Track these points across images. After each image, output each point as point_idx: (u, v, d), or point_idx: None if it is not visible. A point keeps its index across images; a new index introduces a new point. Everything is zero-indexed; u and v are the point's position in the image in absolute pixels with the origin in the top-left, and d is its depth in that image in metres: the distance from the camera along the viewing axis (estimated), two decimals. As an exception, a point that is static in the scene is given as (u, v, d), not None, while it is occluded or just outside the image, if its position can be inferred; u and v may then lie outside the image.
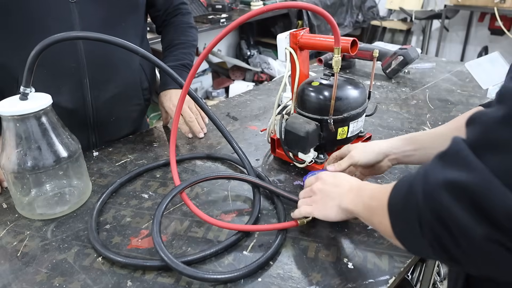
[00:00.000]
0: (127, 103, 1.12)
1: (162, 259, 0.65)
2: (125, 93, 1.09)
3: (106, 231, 0.78)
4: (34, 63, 0.74)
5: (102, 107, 1.05)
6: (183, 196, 0.78)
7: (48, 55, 0.83)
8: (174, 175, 0.81)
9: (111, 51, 0.99)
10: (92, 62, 0.99)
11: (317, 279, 0.65)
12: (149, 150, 1.08)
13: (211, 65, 3.77)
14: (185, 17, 1.26)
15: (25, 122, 0.76)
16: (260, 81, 3.72)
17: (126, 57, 1.04)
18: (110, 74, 1.04)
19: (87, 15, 0.96)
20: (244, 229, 0.74)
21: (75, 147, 0.83)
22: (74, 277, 0.67)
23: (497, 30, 3.83)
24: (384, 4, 4.43)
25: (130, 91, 1.11)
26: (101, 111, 1.06)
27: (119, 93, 1.07)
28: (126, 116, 1.15)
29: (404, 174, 0.91)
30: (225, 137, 0.93)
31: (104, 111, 1.07)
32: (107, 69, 1.03)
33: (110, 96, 1.06)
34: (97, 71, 1.01)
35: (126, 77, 1.08)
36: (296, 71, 0.90)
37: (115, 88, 1.06)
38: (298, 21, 3.58)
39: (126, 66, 1.07)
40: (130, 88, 1.10)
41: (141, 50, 0.82)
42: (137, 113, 1.18)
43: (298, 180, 0.92)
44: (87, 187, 0.89)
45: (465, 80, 1.48)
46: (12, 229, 0.79)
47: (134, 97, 1.13)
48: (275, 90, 1.48)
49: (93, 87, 1.02)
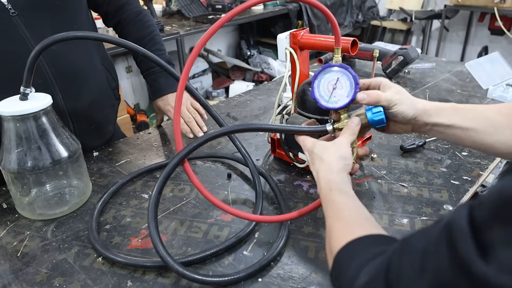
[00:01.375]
0: (103, 107, 1.10)
1: (166, 263, 0.64)
2: (99, 97, 1.07)
3: (106, 231, 0.78)
4: (34, 63, 0.74)
5: (80, 117, 1.02)
6: (185, 166, 0.70)
7: (12, 76, 0.82)
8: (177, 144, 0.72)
9: (73, 58, 0.97)
10: (59, 75, 0.95)
11: (317, 279, 0.65)
12: (149, 150, 1.08)
13: (211, 65, 3.77)
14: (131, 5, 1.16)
15: (25, 122, 0.76)
16: (260, 81, 3.72)
17: (88, 61, 1.02)
18: (80, 82, 1.00)
19: (35, 25, 0.89)
20: (257, 219, 0.75)
21: (75, 147, 0.83)
22: (74, 277, 0.67)
23: (497, 30, 3.83)
24: (384, 4, 4.43)
25: (103, 94, 1.09)
26: (81, 122, 1.03)
27: (94, 99, 1.04)
28: (105, 120, 1.12)
29: (404, 174, 0.92)
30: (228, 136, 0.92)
31: (84, 121, 1.03)
32: (76, 78, 0.99)
33: (86, 104, 1.02)
34: (67, 81, 0.97)
35: (95, 81, 1.05)
36: (296, 71, 0.90)
37: (88, 95, 1.02)
38: (298, 21, 3.58)
39: (92, 69, 1.04)
40: (102, 91, 1.08)
41: (142, 49, 0.82)
42: (114, 115, 1.18)
43: (298, 180, 0.92)
44: (87, 187, 0.89)
45: (465, 80, 1.48)
46: (12, 229, 0.79)
47: (107, 99, 1.12)
48: (275, 90, 1.48)
49: (67, 99, 0.98)
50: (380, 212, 0.80)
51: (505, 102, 1.28)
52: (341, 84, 0.66)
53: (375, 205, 0.82)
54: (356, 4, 4.06)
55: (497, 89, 1.32)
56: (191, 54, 0.65)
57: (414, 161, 0.97)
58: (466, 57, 4.32)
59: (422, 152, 1.01)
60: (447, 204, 0.82)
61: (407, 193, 0.86)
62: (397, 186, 0.88)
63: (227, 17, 0.62)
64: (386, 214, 0.80)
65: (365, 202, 0.83)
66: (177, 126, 0.67)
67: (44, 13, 0.91)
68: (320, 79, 0.66)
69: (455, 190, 0.86)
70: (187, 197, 0.87)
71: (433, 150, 1.02)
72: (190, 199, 0.86)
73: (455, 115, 0.64)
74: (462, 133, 0.63)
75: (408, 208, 0.81)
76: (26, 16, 0.88)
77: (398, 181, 0.90)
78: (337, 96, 0.65)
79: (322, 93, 0.66)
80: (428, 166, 0.95)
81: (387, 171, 0.94)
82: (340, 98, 0.65)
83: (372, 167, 0.95)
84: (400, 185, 0.88)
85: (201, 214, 0.82)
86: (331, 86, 0.66)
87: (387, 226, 0.76)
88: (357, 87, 0.64)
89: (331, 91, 0.66)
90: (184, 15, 3.02)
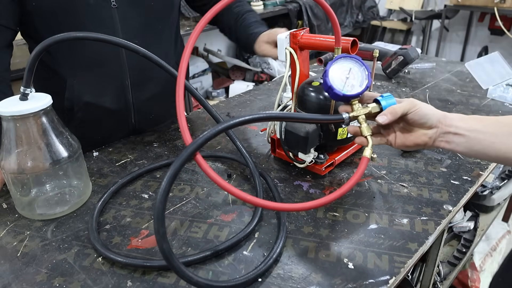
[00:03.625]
0: (166, 101, 1.17)
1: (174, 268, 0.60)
2: (164, 92, 1.15)
3: (106, 231, 0.78)
4: (35, 64, 0.74)
5: (142, 106, 1.13)
6: (197, 158, 0.61)
7: (94, 61, 0.94)
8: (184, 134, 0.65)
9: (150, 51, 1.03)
10: (132, 65, 1.06)
11: (317, 279, 0.65)
12: (149, 150, 1.08)
13: (211, 65, 3.77)
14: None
15: (25, 122, 0.76)
16: (260, 81, 3.72)
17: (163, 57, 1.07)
18: (150, 75, 1.10)
19: (128, 19, 1.01)
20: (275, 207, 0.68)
21: (75, 147, 0.83)
22: (74, 277, 0.67)
23: (497, 30, 3.83)
24: (384, 4, 4.43)
25: (168, 89, 1.15)
26: (141, 111, 1.13)
27: (158, 92, 1.14)
28: (165, 113, 1.22)
29: (404, 174, 0.92)
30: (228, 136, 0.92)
31: (144, 110, 1.14)
32: (147, 71, 1.08)
33: (150, 95, 1.13)
34: (138, 73, 1.07)
35: (164, 76, 1.10)
36: (296, 71, 0.90)
37: (154, 88, 1.13)
38: (298, 21, 3.58)
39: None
40: (168, 86, 1.15)
41: (142, 49, 0.84)
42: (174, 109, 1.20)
43: (298, 180, 0.92)
44: (87, 187, 0.89)
45: (465, 80, 1.48)
46: (12, 229, 0.79)
47: (171, 95, 1.15)
48: (275, 90, 1.48)
49: (134, 88, 1.09)
50: (380, 212, 0.80)
51: (505, 102, 1.28)
52: (353, 74, 0.68)
53: (375, 205, 0.82)
54: (356, 4, 4.06)
55: (497, 89, 1.32)
56: (190, 38, 0.64)
57: (414, 161, 0.97)
58: (466, 57, 4.32)
59: (422, 152, 1.01)
60: (447, 204, 0.82)
61: (407, 193, 0.86)
62: (397, 186, 0.88)
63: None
64: (386, 214, 0.80)
65: (365, 202, 0.83)
66: (181, 119, 0.63)
67: (138, 10, 1.02)
68: (334, 68, 0.68)
69: (455, 190, 0.86)
70: (187, 197, 0.87)
71: (433, 150, 1.02)
72: (190, 199, 0.86)
73: (475, 121, 0.65)
74: (485, 139, 0.63)
75: (408, 208, 0.81)
76: (123, 10, 0.99)
77: (398, 181, 0.90)
78: (350, 85, 0.68)
79: (336, 82, 0.68)
80: (428, 166, 0.95)
81: (387, 171, 0.94)
82: (354, 87, 0.68)
83: (372, 167, 0.95)
84: (400, 185, 0.88)
85: (201, 214, 0.82)
86: (344, 75, 0.68)
87: (387, 226, 0.76)
88: (369, 76, 0.67)
89: (345, 81, 0.68)
90: (184, 15, 3.02)
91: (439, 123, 0.65)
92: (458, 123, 0.64)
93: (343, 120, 0.68)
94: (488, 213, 1.68)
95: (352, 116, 0.68)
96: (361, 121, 0.69)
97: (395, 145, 0.69)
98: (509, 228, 1.93)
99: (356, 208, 0.81)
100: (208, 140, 0.58)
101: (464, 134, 0.64)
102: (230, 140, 0.93)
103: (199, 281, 0.59)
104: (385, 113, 0.66)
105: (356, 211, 0.81)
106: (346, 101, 0.69)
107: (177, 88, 0.65)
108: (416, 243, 0.72)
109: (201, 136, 0.58)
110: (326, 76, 0.67)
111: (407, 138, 0.68)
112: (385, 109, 0.67)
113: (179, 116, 0.63)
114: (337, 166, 0.96)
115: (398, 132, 0.69)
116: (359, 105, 0.69)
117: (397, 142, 0.69)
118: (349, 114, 0.68)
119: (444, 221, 0.78)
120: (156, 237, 0.55)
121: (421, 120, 0.65)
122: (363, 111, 0.68)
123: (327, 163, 0.91)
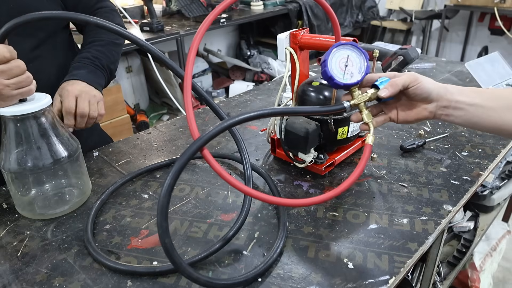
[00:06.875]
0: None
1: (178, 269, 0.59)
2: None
3: (106, 231, 0.78)
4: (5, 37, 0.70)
5: None
6: (204, 153, 0.60)
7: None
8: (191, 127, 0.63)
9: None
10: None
11: (317, 279, 0.65)
12: (149, 150, 1.08)
13: (211, 65, 3.77)
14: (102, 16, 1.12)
15: (25, 122, 0.76)
16: (260, 81, 3.72)
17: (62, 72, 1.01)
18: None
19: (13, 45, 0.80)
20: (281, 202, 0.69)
21: (75, 147, 0.83)
22: (74, 277, 0.67)
23: (497, 30, 3.83)
24: (384, 4, 4.43)
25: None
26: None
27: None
28: None
29: (404, 174, 0.92)
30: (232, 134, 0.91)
31: None
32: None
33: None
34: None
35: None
36: (296, 71, 0.90)
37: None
38: (298, 21, 3.58)
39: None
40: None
41: (143, 42, 0.79)
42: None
43: (298, 180, 0.92)
44: (87, 187, 0.89)
45: (465, 80, 1.48)
46: (12, 229, 0.79)
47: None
48: (275, 90, 1.48)
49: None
50: (380, 212, 0.80)
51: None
52: (351, 61, 0.68)
53: (375, 205, 0.82)
54: (356, 4, 4.06)
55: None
56: (193, 45, 0.64)
57: (414, 161, 0.97)
58: (466, 57, 4.32)
59: (422, 152, 1.01)
60: (447, 204, 0.82)
61: (407, 193, 0.86)
62: (397, 186, 0.88)
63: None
64: (386, 214, 0.80)
65: (365, 202, 0.83)
66: (190, 114, 0.62)
67: (25, 32, 0.92)
68: (332, 58, 0.68)
69: (455, 190, 0.86)
70: (187, 197, 0.87)
71: (433, 150, 1.02)
72: (190, 199, 0.86)
73: (475, 94, 0.66)
74: (484, 112, 0.65)
75: (408, 208, 0.81)
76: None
77: (398, 181, 0.90)
78: (349, 73, 0.68)
79: (335, 72, 0.68)
80: (428, 166, 0.95)
81: (387, 171, 0.94)
82: (353, 75, 0.68)
83: (372, 167, 0.95)
84: (400, 185, 0.88)
85: (201, 214, 0.82)
86: (343, 64, 0.68)
87: (386, 226, 0.76)
88: (367, 61, 0.67)
89: (344, 69, 0.68)
90: (184, 15, 3.02)
91: (439, 97, 0.67)
92: (458, 97, 0.66)
93: (345, 109, 0.69)
94: (488, 213, 1.68)
95: (353, 104, 0.69)
96: (362, 108, 0.70)
97: (398, 121, 0.72)
98: (509, 228, 1.93)
99: (356, 208, 0.81)
100: (215, 135, 0.59)
101: (464, 108, 0.66)
102: (232, 136, 0.92)
103: (199, 278, 0.59)
104: (386, 86, 0.67)
105: (356, 211, 0.81)
106: (347, 89, 0.70)
107: (184, 85, 0.65)
108: (416, 243, 0.72)
109: (209, 131, 0.59)
110: (326, 66, 0.68)
111: (408, 114, 0.70)
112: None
113: (187, 111, 0.62)
114: (337, 166, 0.96)
115: (400, 108, 0.71)
116: (359, 92, 0.69)
117: (399, 118, 0.71)
118: (350, 102, 0.69)
119: (444, 221, 0.78)
120: (158, 231, 0.55)
121: (423, 94, 0.67)
122: (362, 98, 0.69)
123: (327, 163, 0.91)
